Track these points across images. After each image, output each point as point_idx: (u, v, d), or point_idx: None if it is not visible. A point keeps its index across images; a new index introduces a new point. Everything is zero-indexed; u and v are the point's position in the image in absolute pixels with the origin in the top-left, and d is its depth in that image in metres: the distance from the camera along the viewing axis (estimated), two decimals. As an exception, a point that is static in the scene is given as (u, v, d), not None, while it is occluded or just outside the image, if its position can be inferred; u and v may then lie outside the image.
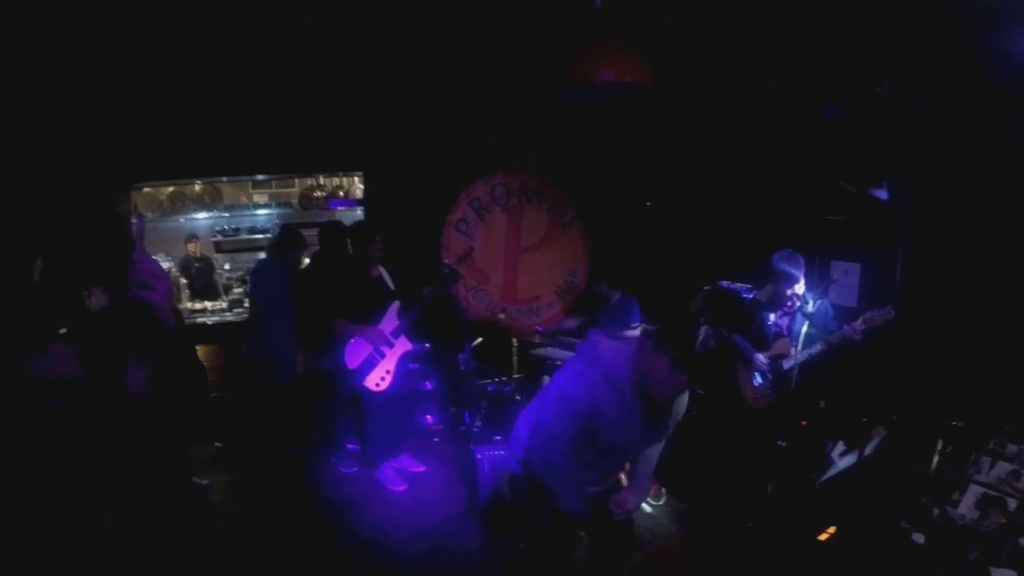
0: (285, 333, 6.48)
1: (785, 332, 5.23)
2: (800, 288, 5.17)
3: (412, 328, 6.16)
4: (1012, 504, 3.67)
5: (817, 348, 4.93)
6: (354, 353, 5.91)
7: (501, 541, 5.22)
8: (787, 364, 4.96)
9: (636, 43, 5.59)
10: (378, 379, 5.95)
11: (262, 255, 7.77)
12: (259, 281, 6.84)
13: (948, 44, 4.67)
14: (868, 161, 5.33)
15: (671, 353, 3.26)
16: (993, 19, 4.35)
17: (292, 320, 6.45)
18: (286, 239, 6.73)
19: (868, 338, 4.74)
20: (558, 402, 3.56)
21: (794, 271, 5.11)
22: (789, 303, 5.20)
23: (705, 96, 6.79)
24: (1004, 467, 3.89)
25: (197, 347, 7.49)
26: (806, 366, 4.94)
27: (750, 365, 5.34)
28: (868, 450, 4.27)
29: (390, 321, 6.02)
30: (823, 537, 4.26)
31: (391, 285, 6.19)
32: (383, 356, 5.97)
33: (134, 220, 2.23)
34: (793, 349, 4.94)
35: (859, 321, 4.77)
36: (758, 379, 5.31)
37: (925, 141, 4.62)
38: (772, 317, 5.30)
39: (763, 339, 5.32)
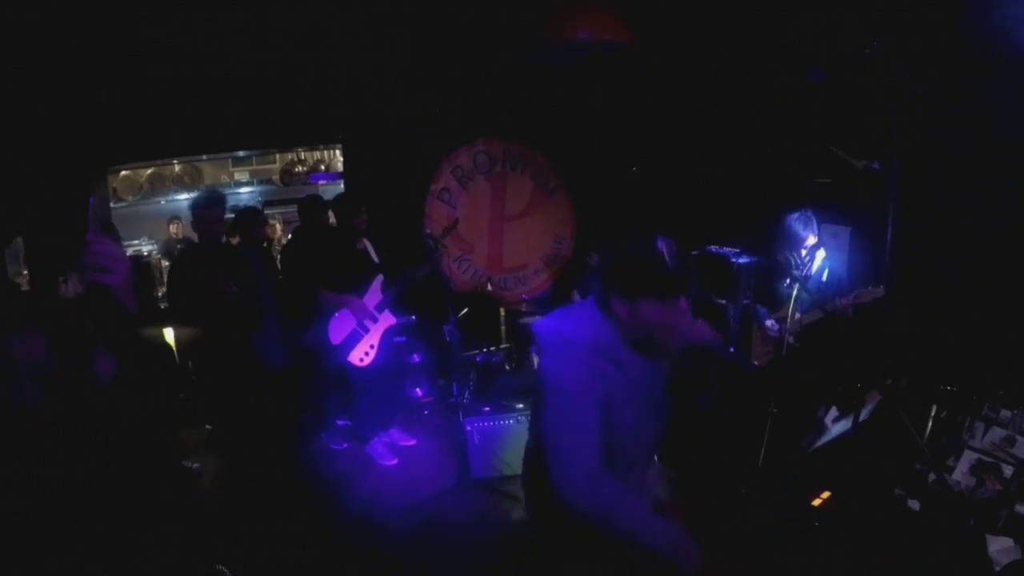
0: (266, 315, 6.38)
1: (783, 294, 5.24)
2: (820, 253, 5.20)
3: (396, 302, 6.09)
4: (1007, 470, 3.65)
5: (815, 315, 4.90)
6: (338, 328, 5.83)
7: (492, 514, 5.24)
8: (785, 328, 4.96)
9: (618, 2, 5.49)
10: (362, 354, 5.88)
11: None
12: None
13: (937, 9, 4.60)
14: (856, 126, 5.27)
15: (646, 292, 2.68)
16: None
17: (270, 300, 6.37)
18: (243, 219, 6.58)
19: (858, 314, 4.73)
20: (564, 418, 2.74)
21: (800, 232, 5.12)
22: (803, 266, 5.20)
23: (691, 58, 6.69)
24: (998, 432, 3.87)
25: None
26: (806, 333, 4.94)
27: (761, 326, 5.37)
28: (863, 415, 4.24)
29: (374, 295, 5.94)
30: (817, 503, 4.23)
31: (375, 258, 6.11)
32: (367, 331, 5.90)
33: (90, 198, 2.09)
34: (793, 313, 4.92)
35: (851, 296, 4.74)
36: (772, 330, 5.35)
37: (913, 105, 4.56)
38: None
39: (777, 301, 5.33)
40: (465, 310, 7.08)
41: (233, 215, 6.73)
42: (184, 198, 8.75)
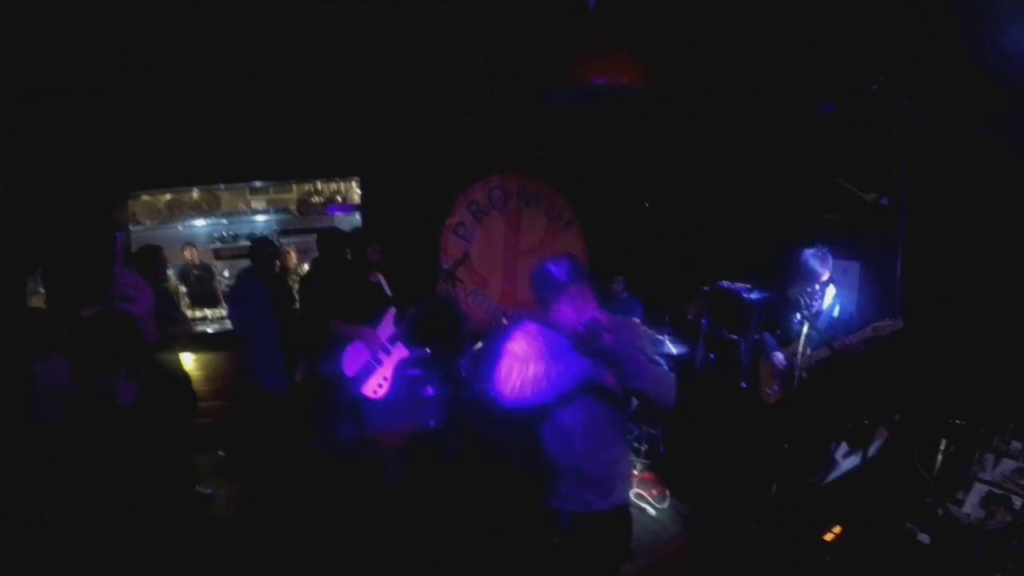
0: (271, 344, 6.46)
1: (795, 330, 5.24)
2: (830, 290, 5.21)
3: (408, 335, 6.13)
4: (1017, 502, 3.64)
5: (823, 352, 4.89)
6: (352, 360, 5.87)
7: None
8: (796, 364, 4.95)
9: (631, 44, 5.55)
10: (375, 386, 5.91)
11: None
12: (237, 296, 6.82)
13: (943, 41, 4.65)
14: (864, 161, 5.31)
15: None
16: (987, 16, 4.33)
17: (276, 330, 6.45)
18: (256, 250, 6.69)
19: (869, 348, 4.74)
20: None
21: (818, 269, 5.15)
22: (814, 302, 5.23)
23: (701, 96, 6.76)
24: (1008, 464, 3.86)
25: (198, 355, 7.48)
26: (816, 369, 4.94)
27: (770, 361, 5.37)
28: (871, 451, 4.24)
29: (387, 327, 5.98)
30: (828, 538, 4.22)
31: (388, 291, 6.17)
32: (380, 363, 5.93)
33: (117, 234, 2.20)
34: (804, 349, 4.93)
35: (868, 329, 4.74)
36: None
37: (920, 138, 4.60)
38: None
39: (788, 336, 5.34)
40: (479, 344, 7.10)
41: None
42: (201, 224, 8.88)
